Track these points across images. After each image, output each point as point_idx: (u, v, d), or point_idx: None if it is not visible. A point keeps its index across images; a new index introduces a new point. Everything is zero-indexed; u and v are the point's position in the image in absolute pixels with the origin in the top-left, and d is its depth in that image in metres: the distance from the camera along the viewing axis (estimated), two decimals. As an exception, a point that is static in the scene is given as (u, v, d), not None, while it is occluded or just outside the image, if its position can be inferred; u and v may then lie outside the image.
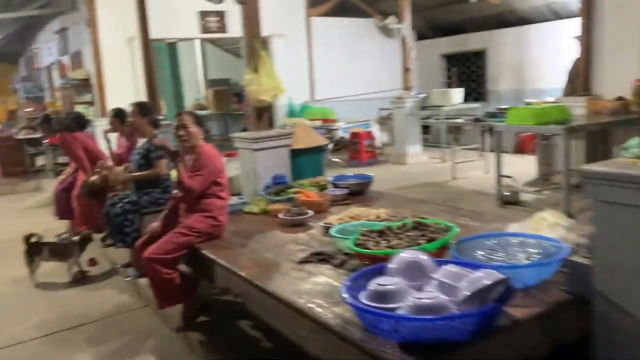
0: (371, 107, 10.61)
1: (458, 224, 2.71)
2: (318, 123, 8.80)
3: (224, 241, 3.32)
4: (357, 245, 2.43)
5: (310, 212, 3.52)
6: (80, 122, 6.14)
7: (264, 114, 4.41)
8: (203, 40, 15.29)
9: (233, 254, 3.04)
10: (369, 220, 3.10)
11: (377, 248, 2.36)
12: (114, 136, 5.66)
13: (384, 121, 10.65)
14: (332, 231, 2.85)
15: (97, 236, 5.42)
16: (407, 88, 9.04)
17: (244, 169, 4.52)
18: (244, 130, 13.71)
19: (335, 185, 4.28)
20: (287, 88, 5.05)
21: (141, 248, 3.49)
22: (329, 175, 4.67)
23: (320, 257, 2.69)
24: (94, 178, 5.19)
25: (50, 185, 8.05)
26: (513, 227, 2.61)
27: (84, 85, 9.75)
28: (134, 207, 4.33)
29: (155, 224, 3.59)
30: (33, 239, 4.67)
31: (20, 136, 10.70)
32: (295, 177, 4.48)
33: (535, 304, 2.03)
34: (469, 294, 1.79)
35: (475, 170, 7.77)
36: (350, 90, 10.68)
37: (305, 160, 4.56)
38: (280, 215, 3.54)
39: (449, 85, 11.52)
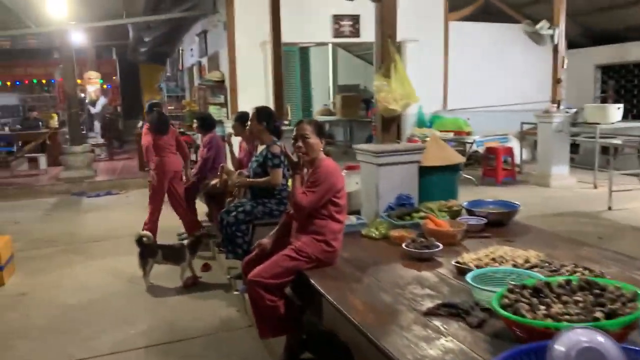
0: (509, 119, 9.66)
1: (635, 282, 2.04)
2: (450, 135, 8.12)
3: (336, 270, 2.89)
4: (504, 306, 1.86)
5: (440, 246, 2.98)
6: (208, 124, 6.13)
7: (392, 124, 3.93)
8: (335, 45, 15.22)
9: (344, 289, 2.60)
10: (515, 266, 2.49)
11: (534, 316, 1.77)
12: (237, 140, 5.53)
13: (525, 136, 9.66)
14: (469, 277, 2.29)
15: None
16: (556, 101, 8.02)
17: (365, 185, 4.07)
18: (370, 138, 13.39)
19: (470, 213, 3.68)
20: (419, 96, 4.57)
21: (248, 265, 3.18)
22: (462, 199, 4.07)
23: (452, 311, 2.15)
24: (214, 182, 5.08)
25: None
26: None
27: (219, 86, 9.97)
28: (247, 217, 4.09)
29: (265, 241, 3.26)
30: (144, 240, 4.59)
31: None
32: (423, 199, 3.94)
33: None
34: None
35: (636, 201, 6.62)
36: (487, 101, 9.84)
37: (436, 180, 4.00)
38: (404, 246, 3.03)
39: (604, 100, 10.19)
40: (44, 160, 11.58)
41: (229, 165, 5.44)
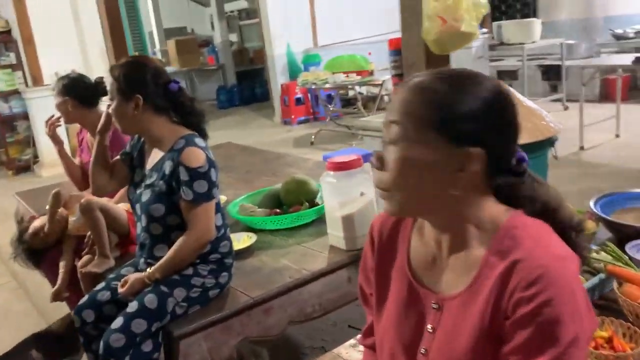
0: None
1: None
2: (356, 78, 6.20)
3: None
4: None
5: None
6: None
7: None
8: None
9: None
10: None
11: None
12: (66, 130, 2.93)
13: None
14: None
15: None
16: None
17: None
18: (221, 91, 10.95)
19: (610, 226, 1.82)
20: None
21: None
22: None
23: None
24: (36, 224, 2.47)
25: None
26: None
27: (4, 40, 6.73)
28: (153, 324, 1.72)
29: None
30: None
31: None
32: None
33: None
34: None
35: (603, 132, 5.37)
36: (366, 30, 8.08)
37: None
38: None
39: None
40: None
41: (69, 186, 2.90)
